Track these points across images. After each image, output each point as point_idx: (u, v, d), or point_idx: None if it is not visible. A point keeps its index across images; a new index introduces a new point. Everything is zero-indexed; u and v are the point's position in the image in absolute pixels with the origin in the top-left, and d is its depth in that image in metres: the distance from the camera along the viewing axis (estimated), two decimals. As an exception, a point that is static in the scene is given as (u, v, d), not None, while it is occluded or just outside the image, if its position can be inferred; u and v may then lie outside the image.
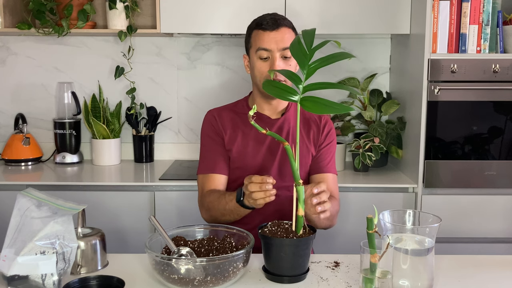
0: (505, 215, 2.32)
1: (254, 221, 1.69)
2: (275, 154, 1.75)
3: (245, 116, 1.78)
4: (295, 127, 1.77)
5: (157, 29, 2.47)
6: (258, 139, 1.76)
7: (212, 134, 1.79)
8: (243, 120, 1.78)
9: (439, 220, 1.27)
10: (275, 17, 1.70)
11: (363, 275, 1.17)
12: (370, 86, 2.75)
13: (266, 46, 1.67)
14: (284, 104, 1.80)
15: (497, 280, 1.37)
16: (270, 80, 1.37)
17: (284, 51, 1.66)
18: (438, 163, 2.30)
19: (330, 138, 1.82)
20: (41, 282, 1.21)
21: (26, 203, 1.28)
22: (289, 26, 1.71)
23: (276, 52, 1.66)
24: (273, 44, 1.66)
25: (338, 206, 1.74)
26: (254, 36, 1.71)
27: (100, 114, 2.70)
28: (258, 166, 1.75)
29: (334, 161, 1.83)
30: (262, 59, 1.69)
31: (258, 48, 1.68)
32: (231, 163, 1.78)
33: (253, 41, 1.72)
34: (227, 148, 1.78)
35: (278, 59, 1.66)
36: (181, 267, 1.25)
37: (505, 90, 2.27)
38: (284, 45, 1.66)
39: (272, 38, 1.66)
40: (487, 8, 2.25)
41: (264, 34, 1.67)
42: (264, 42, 1.67)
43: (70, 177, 2.49)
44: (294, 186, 1.33)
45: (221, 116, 1.80)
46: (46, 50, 2.81)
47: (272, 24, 1.67)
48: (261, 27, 1.69)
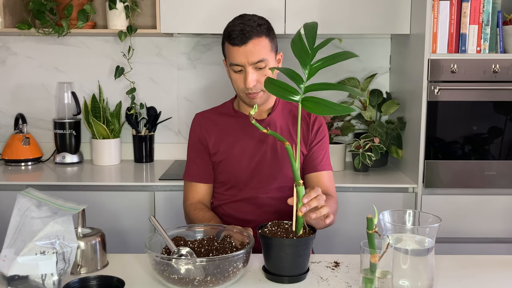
0: (505, 215, 2.32)
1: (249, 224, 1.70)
2: (262, 155, 1.75)
3: (230, 118, 1.80)
4: (282, 126, 1.77)
5: (157, 29, 2.47)
6: (244, 141, 1.76)
7: (196, 142, 1.81)
8: (229, 123, 1.79)
9: (439, 220, 1.27)
10: (244, 28, 1.62)
11: (363, 275, 1.17)
12: (370, 86, 2.75)
13: (237, 61, 1.64)
14: (269, 104, 1.79)
15: (497, 280, 1.37)
16: (271, 78, 1.36)
17: (256, 64, 1.63)
18: (438, 163, 2.30)
19: (321, 135, 1.79)
20: (41, 282, 1.21)
21: (26, 203, 1.28)
22: (259, 35, 1.63)
23: (248, 67, 1.63)
24: (243, 59, 1.62)
25: (335, 204, 1.73)
26: (226, 49, 1.69)
27: (100, 114, 2.70)
28: (244, 167, 1.75)
29: (328, 157, 1.81)
30: (236, 72, 1.67)
31: (230, 63, 1.67)
32: (219, 165, 1.79)
33: (225, 52, 1.70)
34: (212, 152, 1.78)
35: (250, 72, 1.63)
36: (181, 267, 1.25)
37: (505, 90, 2.27)
38: (254, 59, 1.62)
39: (242, 53, 1.62)
40: (487, 8, 2.25)
41: (234, 50, 1.63)
42: (233, 57, 1.64)
43: (70, 177, 2.49)
44: (294, 187, 1.33)
45: (207, 120, 1.82)
46: (46, 50, 2.81)
47: (241, 39, 1.62)
48: (230, 41, 1.64)
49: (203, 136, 1.80)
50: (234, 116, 1.80)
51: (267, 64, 1.65)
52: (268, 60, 1.64)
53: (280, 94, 1.32)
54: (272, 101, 1.79)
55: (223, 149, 1.77)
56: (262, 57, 1.62)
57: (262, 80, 1.64)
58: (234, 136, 1.77)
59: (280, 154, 1.74)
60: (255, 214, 1.74)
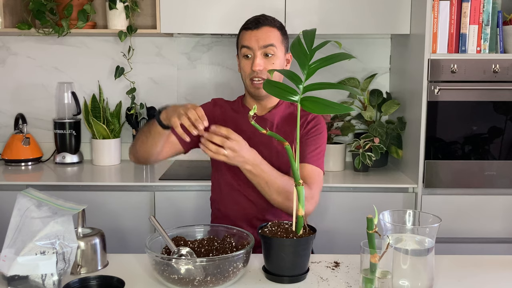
0: (505, 215, 2.32)
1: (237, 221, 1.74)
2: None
3: (236, 113, 1.83)
4: (279, 124, 1.79)
5: (157, 29, 2.47)
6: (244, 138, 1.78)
7: None
8: (234, 117, 1.83)
9: (439, 220, 1.27)
10: (260, 17, 1.76)
11: (363, 275, 1.17)
12: (370, 86, 2.75)
13: (247, 44, 1.72)
14: (273, 102, 1.82)
15: (497, 280, 1.37)
16: (270, 80, 1.37)
17: (265, 49, 1.71)
18: (438, 163, 2.30)
19: (315, 133, 1.76)
20: (41, 282, 1.21)
21: (26, 203, 1.28)
22: (273, 26, 1.74)
23: (257, 50, 1.71)
24: (254, 42, 1.71)
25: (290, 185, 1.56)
26: (239, 37, 1.78)
27: (100, 114, 2.70)
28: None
29: (319, 155, 1.74)
30: (245, 57, 1.74)
31: (241, 46, 1.75)
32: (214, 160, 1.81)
33: (239, 41, 1.79)
34: None
35: (259, 56, 1.70)
36: (181, 267, 1.25)
37: (505, 90, 2.27)
38: (264, 42, 1.70)
39: (253, 36, 1.71)
40: (487, 8, 2.25)
41: (246, 33, 1.74)
42: (245, 40, 1.73)
43: (70, 177, 2.49)
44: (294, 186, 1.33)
45: (218, 108, 1.87)
46: (46, 50, 2.81)
47: (255, 24, 1.73)
48: (244, 27, 1.76)
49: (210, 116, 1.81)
50: (242, 112, 1.83)
51: (276, 53, 1.71)
52: (278, 50, 1.72)
53: (279, 94, 1.33)
54: (274, 101, 1.82)
55: None
56: (272, 42, 1.70)
57: (268, 67, 1.71)
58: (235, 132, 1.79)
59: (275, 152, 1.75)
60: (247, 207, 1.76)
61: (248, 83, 1.75)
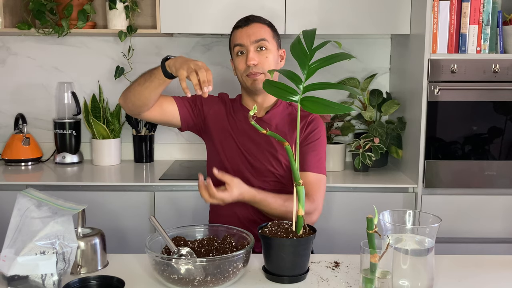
0: (505, 215, 2.32)
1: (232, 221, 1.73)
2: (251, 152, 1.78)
3: (234, 113, 1.85)
4: (279, 125, 1.79)
5: (157, 29, 2.47)
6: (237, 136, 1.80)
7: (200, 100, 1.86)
8: (233, 116, 1.84)
9: (439, 220, 1.27)
10: (249, 16, 1.80)
11: (363, 275, 1.17)
12: (370, 86, 2.75)
13: (239, 41, 1.75)
14: (271, 101, 1.82)
15: (497, 280, 1.37)
16: (270, 80, 1.37)
17: (258, 43, 1.74)
18: (438, 163, 2.30)
19: (314, 137, 1.76)
20: (41, 282, 1.21)
21: (26, 203, 1.28)
22: (262, 22, 1.78)
23: (250, 45, 1.73)
24: (245, 38, 1.74)
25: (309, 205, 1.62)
26: (231, 37, 1.82)
27: (100, 114, 2.70)
28: (232, 161, 1.78)
29: (320, 160, 1.74)
30: (238, 55, 1.77)
31: (234, 45, 1.78)
32: (209, 154, 1.85)
33: (231, 42, 1.81)
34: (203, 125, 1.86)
35: (252, 51, 1.73)
36: (181, 267, 1.25)
37: (505, 90, 2.27)
38: (256, 37, 1.73)
39: (244, 33, 1.75)
40: (487, 8, 2.25)
41: (237, 32, 1.77)
42: (237, 38, 1.76)
43: (70, 177, 2.49)
44: (294, 186, 1.33)
45: (223, 104, 1.88)
46: (46, 50, 2.81)
47: (244, 21, 1.77)
48: (235, 26, 1.80)
49: (203, 110, 1.85)
50: (240, 111, 1.84)
51: (268, 47, 1.74)
52: (270, 44, 1.75)
53: (279, 94, 1.33)
54: (272, 99, 1.81)
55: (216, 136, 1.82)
56: (264, 37, 1.73)
57: (262, 61, 1.73)
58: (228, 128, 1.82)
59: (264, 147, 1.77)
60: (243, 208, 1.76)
61: (244, 79, 1.76)
